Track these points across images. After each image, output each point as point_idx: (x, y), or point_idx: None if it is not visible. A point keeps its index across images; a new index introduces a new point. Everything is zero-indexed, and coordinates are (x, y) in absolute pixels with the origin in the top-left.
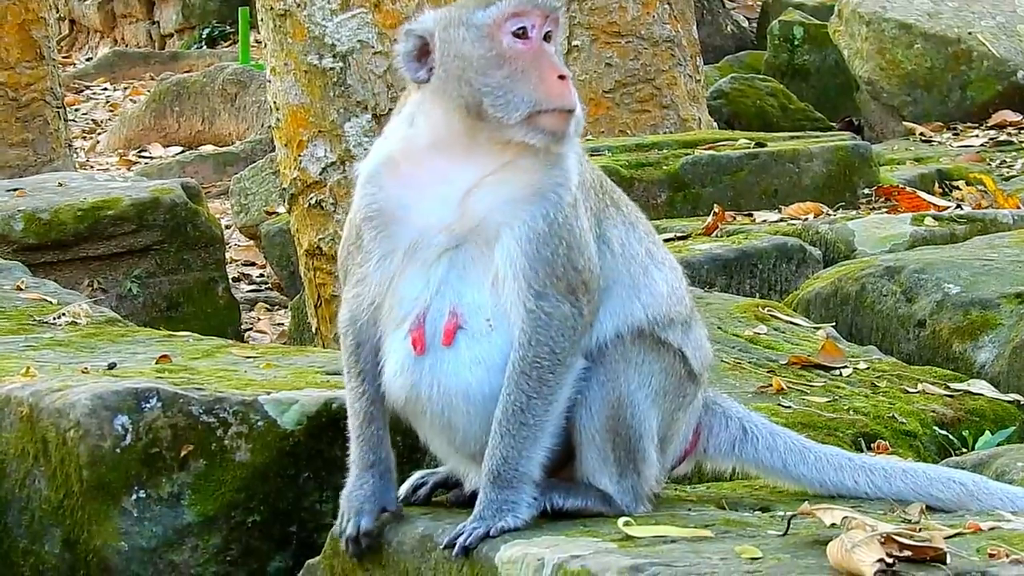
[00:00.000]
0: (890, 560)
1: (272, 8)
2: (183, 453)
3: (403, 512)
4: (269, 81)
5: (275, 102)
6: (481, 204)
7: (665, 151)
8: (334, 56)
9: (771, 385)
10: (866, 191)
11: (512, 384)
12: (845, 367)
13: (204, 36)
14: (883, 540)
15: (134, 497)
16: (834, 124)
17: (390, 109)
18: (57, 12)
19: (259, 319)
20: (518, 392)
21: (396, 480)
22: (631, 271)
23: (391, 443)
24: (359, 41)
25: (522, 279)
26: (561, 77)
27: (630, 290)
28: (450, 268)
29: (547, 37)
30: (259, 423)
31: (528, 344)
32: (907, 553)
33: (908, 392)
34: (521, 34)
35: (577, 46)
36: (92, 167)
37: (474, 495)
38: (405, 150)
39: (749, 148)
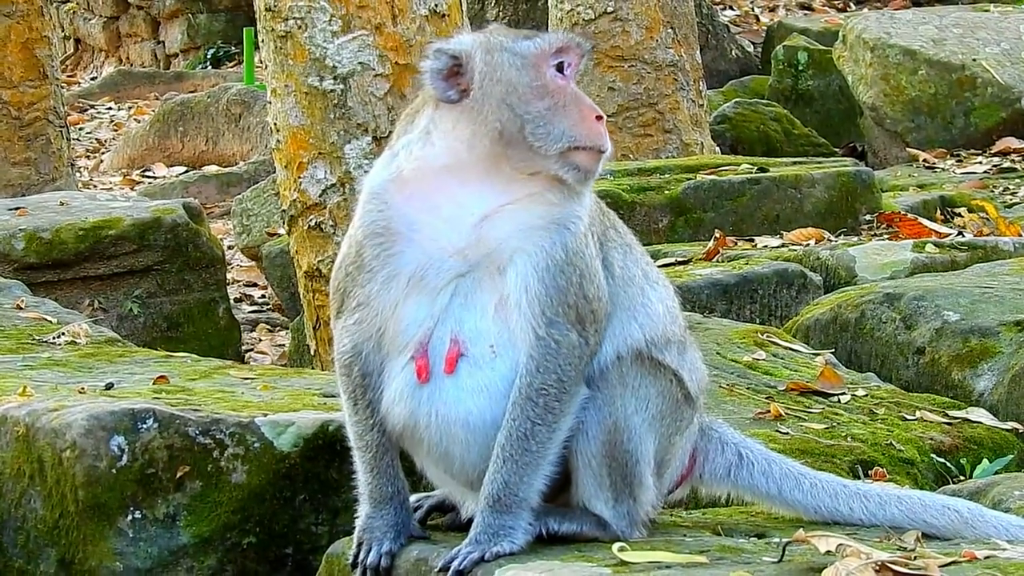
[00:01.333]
0: None
1: (273, 30)
2: (179, 474)
3: (428, 534)
4: (269, 102)
5: (275, 124)
6: (498, 231)
7: (667, 176)
8: (335, 78)
9: (769, 411)
10: (868, 217)
11: (517, 410)
12: (843, 394)
13: (209, 56)
14: (878, 568)
15: (130, 518)
16: (838, 149)
17: (390, 131)
18: (62, 31)
19: (260, 340)
20: (523, 418)
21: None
22: (629, 293)
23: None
24: (360, 63)
25: (536, 305)
26: (599, 118)
27: (628, 312)
28: (454, 295)
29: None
30: (255, 445)
31: (536, 371)
32: None
33: (906, 419)
34: (560, 69)
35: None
36: (96, 186)
37: (470, 520)
38: (418, 168)
39: (751, 173)
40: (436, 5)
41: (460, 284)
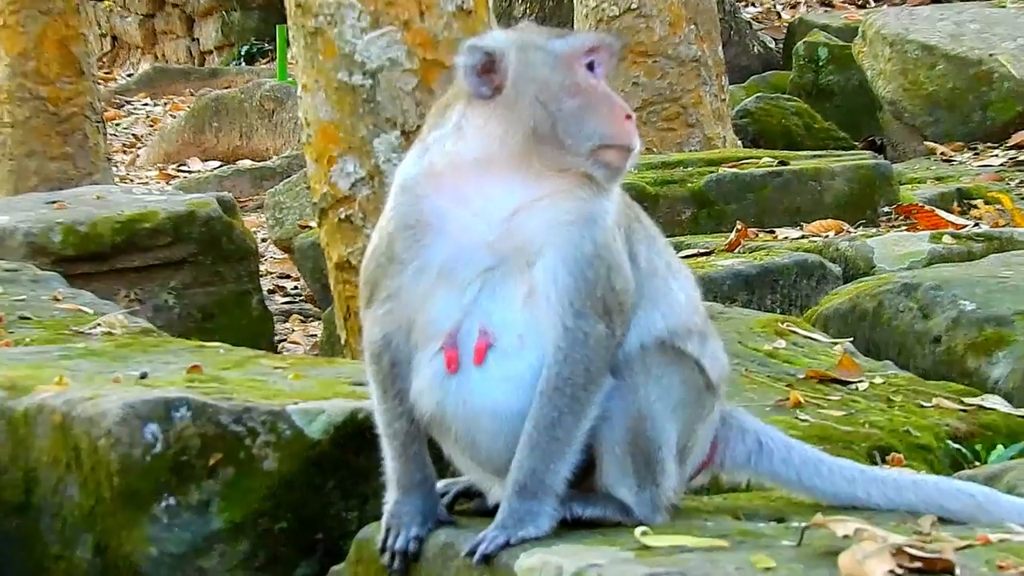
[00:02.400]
0: (900, 571)
1: (304, 26)
2: (212, 462)
3: (455, 520)
4: (300, 97)
5: (306, 118)
6: (528, 225)
7: (690, 169)
8: (364, 73)
9: (788, 399)
10: (886, 209)
11: (545, 399)
12: (861, 382)
13: (243, 53)
14: (894, 552)
15: (164, 504)
16: (857, 143)
17: (419, 126)
18: (99, 29)
19: (293, 331)
20: (551, 407)
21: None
22: (653, 284)
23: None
24: (388, 59)
25: (565, 298)
26: (628, 116)
27: (651, 302)
28: (483, 287)
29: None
30: (286, 432)
31: (564, 361)
32: (918, 565)
33: (923, 407)
34: (591, 68)
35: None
36: (132, 180)
37: (497, 506)
38: (450, 163)
39: (772, 166)
40: (463, 2)
41: (489, 277)
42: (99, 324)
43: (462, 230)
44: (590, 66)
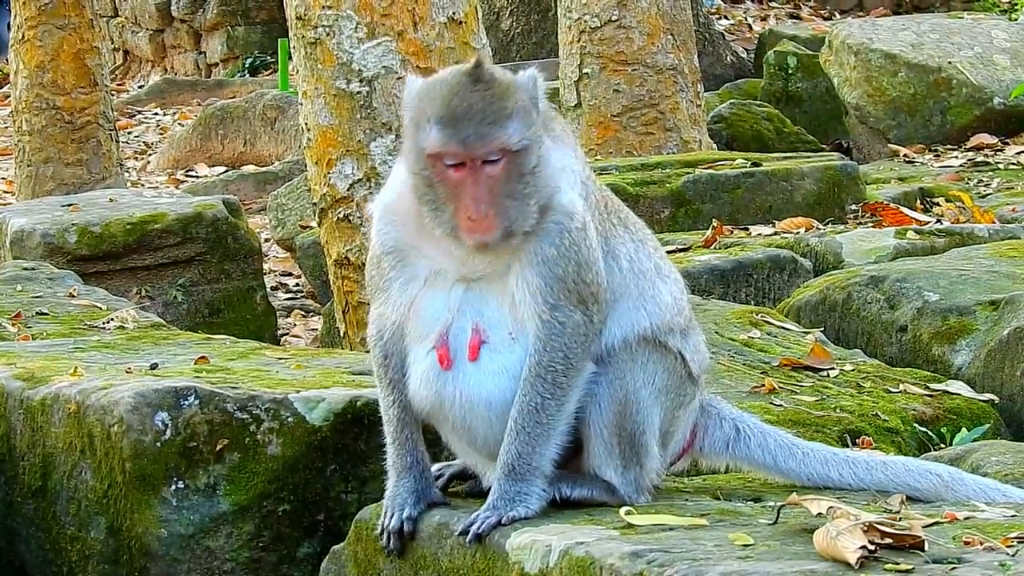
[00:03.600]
0: (872, 547)
1: (304, 37)
2: (219, 447)
3: (448, 501)
4: (300, 104)
5: (306, 123)
6: (490, 250)
7: (668, 170)
8: (360, 81)
9: (764, 385)
10: (853, 207)
11: (528, 386)
12: (832, 369)
13: (247, 65)
14: (866, 528)
15: (173, 488)
16: (825, 146)
17: None
18: (112, 43)
19: (295, 325)
20: (533, 393)
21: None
22: (639, 285)
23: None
24: (384, 67)
25: (538, 296)
26: (471, 218)
27: (637, 301)
28: (468, 291)
29: (502, 159)
30: (289, 419)
31: (543, 350)
32: (888, 540)
33: (891, 392)
34: (452, 165)
35: (587, 73)
36: (143, 185)
37: (490, 488)
38: (405, 195)
39: (746, 168)
40: (454, 13)
41: (472, 284)
42: (112, 319)
43: (437, 253)
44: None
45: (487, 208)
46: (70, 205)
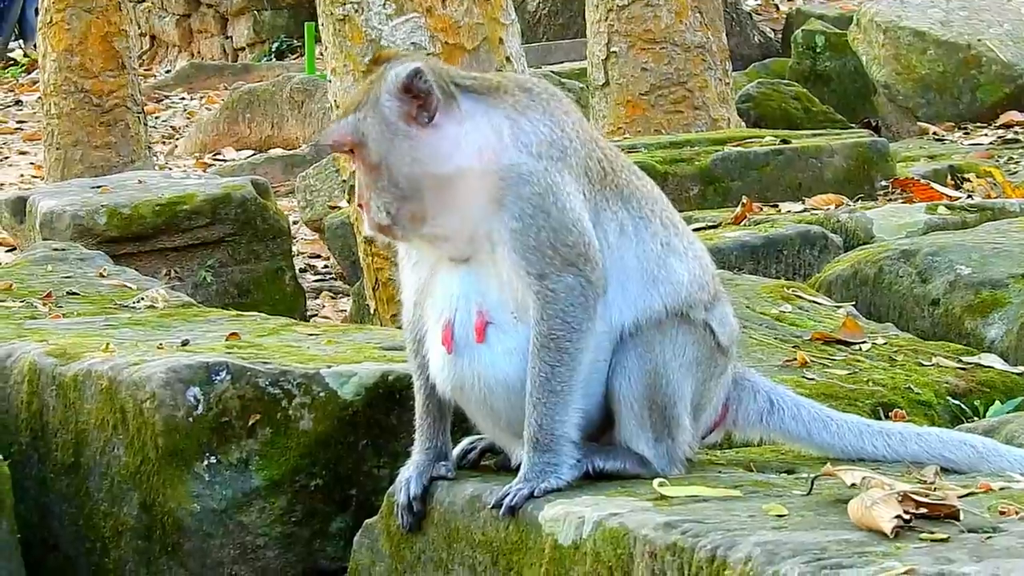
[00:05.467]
0: (907, 517)
1: (333, 14)
2: (251, 422)
3: (453, 474)
4: (329, 81)
5: (335, 101)
6: (465, 227)
7: (697, 148)
8: None
9: (796, 359)
10: (883, 184)
11: (535, 359)
12: (865, 342)
13: (273, 49)
14: (900, 498)
15: (205, 463)
16: (853, 125)
17: None
18: (139, 28)
19: (323, 306)
20: (542, 364)
21: (451, 458)
22: (644, 265)
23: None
24: (412, 44)
25: (521, 271)
26: (360, 205)
27: (647, 283)
28: (468, 274)
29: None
30: (321, 394)
31: (542, 320)
32: (923, 510)
33: (923, 365)
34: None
35: (615, 52)
36: (171, 169)
37: (519, 463)
38: None
39: (775, 145)
40: None
41: (470, 267)
42: (142, 298)
43: (437, 235)
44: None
45: (360, 200)
46: (99, 187)
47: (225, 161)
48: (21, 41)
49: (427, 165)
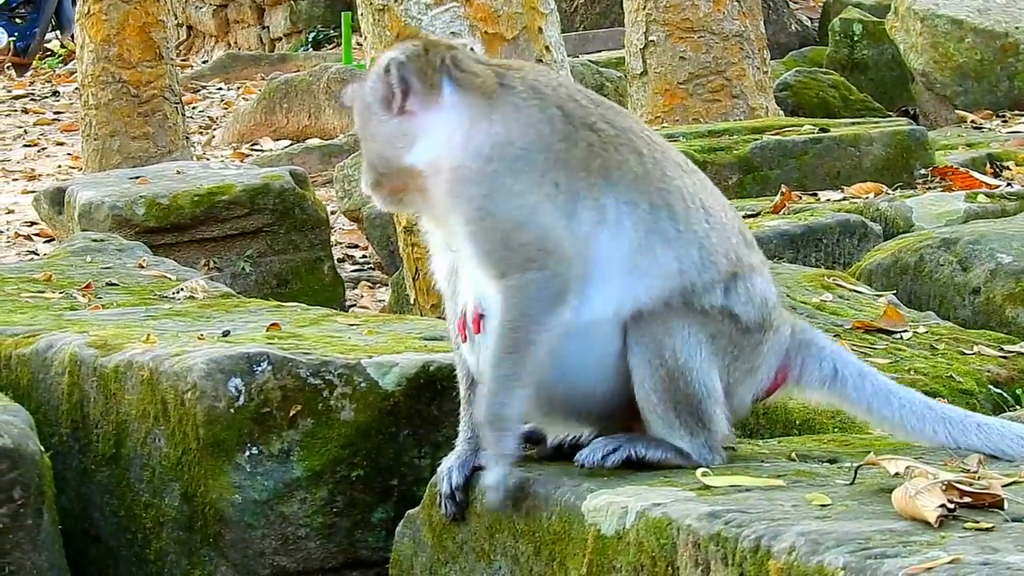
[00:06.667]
0: (951, 506)
1: (372, 3)
2: (292, 413)
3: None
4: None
5: None
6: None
7: (735, 137)
8: None
9: None
10: (922, 172)
11: (494, 346)
12: (906, 331)
13: (310, 39)
14: (944, 487)
15: (247, 454)
16: (891, 113)
17: None
18: (176, 19)
19: (362, 296)
20: (496, 350)
21: None
22: (626, 256)
23: None
24: (451, 33)
25: (481, 268)
26: None
27: (630, 275)
28: (463, 266)
29: None
30: (362, 384)
31: (504, 311)
32: (967, 499)
33: (965, 354)
34: None
35: (653, 41)
36: (208, 159)
37: (559, 448)
38: None
39: (813, 133)
40: None
41: (461, 260)
42: (182, 289)
43: (416, 216)
44: None
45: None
46: (137, 178)
47: (263, 151)
48: (58, 32)
49: (391, 151)
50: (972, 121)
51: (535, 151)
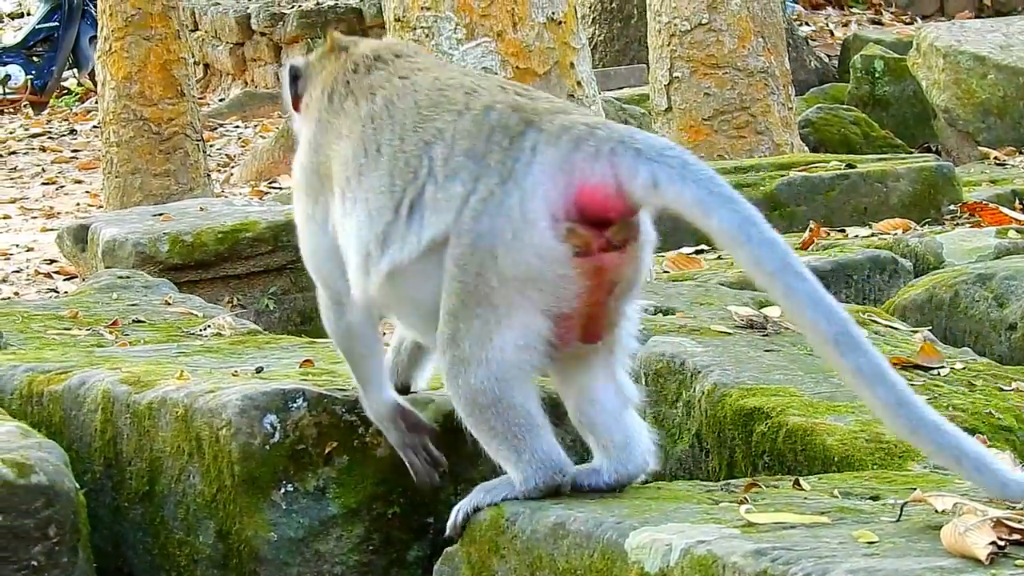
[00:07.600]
0: (1002, 543)
1: (403, 39)
2: (327, 449)
3: None
4: None
5: None
6: None
7: (761, 173)
8: None
9: None
10: (951, 207)
11: None
12: (943, 367)
13: None
14: (994, 524)
15: (282, 491)
16: (913, 150)
17: None
18: (193, 57)
19: (385, 333)
20: None
21: None
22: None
23: None
24: (483, 68)
25: None
26: None
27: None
28: None
29: None
30: None
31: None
32: (1017, 536)
33: (1003, 390)
34: None
35: (678, 77)
36: (227, 197)
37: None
38: None
39: (840, 169)
40: (553, 13)
41: None
42: (209, 326)
43: None
44: None
45: None
46: (161, 215)
47: (281, 188)
48: (75, 70)
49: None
50: (995, 157)
51: (311, 170)
